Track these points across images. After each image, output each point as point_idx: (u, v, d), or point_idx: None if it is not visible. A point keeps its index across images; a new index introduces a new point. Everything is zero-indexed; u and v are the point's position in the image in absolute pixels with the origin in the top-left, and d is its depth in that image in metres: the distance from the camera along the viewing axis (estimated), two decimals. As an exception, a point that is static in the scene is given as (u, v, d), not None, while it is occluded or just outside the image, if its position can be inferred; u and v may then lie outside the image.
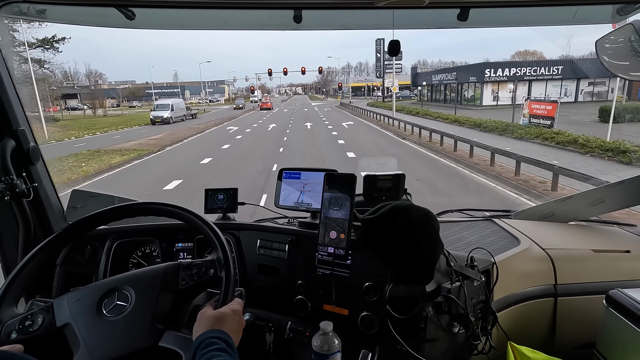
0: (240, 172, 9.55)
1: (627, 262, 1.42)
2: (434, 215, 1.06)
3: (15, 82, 1.21)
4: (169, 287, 0.89)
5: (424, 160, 10.90)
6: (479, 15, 1.18)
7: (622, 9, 1.16)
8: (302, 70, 30.23)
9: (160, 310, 0.86)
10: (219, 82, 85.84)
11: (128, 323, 0.84)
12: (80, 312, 0.86)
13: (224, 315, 0.80)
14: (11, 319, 0.86)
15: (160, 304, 0.86)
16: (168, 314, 0.87)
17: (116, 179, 9.80)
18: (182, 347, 0.80)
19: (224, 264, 0.90)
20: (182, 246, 1.37)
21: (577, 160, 9.75)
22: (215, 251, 0.93)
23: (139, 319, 0.84)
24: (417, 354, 1.02)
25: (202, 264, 0.92)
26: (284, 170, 1.34)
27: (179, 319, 0.90)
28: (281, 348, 1.20)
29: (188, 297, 0.93)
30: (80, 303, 0.88)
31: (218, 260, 0.91)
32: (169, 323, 0.85)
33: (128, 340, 0.82)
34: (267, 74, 30.85)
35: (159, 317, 0.85)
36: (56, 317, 0.86)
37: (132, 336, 0.82)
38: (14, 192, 1.17)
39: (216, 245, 0.93)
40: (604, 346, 1.19)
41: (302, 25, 1.21)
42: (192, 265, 0.92)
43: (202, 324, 0.78)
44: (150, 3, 1.07)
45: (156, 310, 0.85)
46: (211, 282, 0.91)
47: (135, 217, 1.06)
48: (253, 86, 38.10)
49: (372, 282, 1.09)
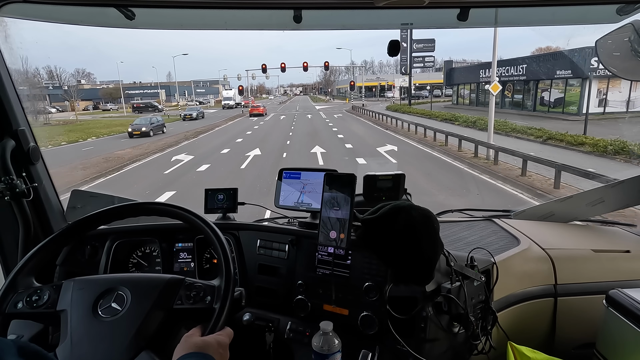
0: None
1: (627, 262, 1.42)
2: (434, 215, 1.06)
3: (15, 82, 1.21)
4: (164, 303, 0.87)
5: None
6: (479, 15, 1.18)
7: (622, 9, 1.16)
8: (304, 65, 24.41)
9: (146, 327, 0.83)
10: (213, 82, 76.29)
11: (114, 329, 0.82)
12: (79, 302, 0.86)
13: (208, 345, 0.76)
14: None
15: (149, 321, 0.84)
16: (153, 333, 0.84)
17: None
18: None
19: (222, 294, 0.87)
20: (182, 246, 1.37)
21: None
22: (220, 276, 0.90)
23: (125, 328, 0.82)
24: (417, 354, 1.02)
25: (203, 287, 0.89)
26: (284, 170, 1.34)
27: (163, 342, 0.86)
28: (281, 348, 1.20)
29: (176, 321, 0.89)
30: (83, 293, 0.88)
31: (218, 290, 0.88)
32: (150, 343, 0.83)
33: (108, 347, 0.80)
34: (261, 70, 25.51)
35: (143, 334, 0.82)
36: (60, 298, 0.87)
37: (114, 344, 0.81)
38: (14, 192, 1.17)
39: (216, 245, 0.93)
40: (604, 346, 1.19)
41: (302, 25, 1.21)
42: (193, 285, 0.89)
43: (185, 347, 0.76)
44: (150, 3, 1.07)
45: (142, 326, 0.83)
46: (202, 313, 0.86)
47: (135, 217, 1.06)
48: (242, 86, 32.39)
49: (372, 282, 1.09)
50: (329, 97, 75.08)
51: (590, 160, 9.41)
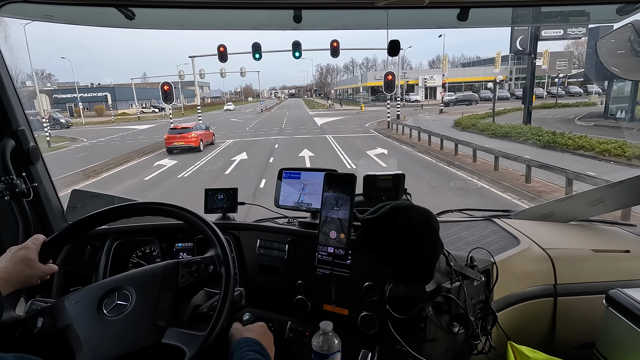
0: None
1: (627, 262, 1.42)
2: (434, 215, 1.06)
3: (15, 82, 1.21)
4: (169, 285, 0.89)
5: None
6: (479, 15, 1.18)
7: (622, 9, 1.16)
8: (294, 44, 12.11)
9: (162, 308, 0.86)
10: (188, 83, 57.82)
11: (129, 322, 0.84)
12: (81, 313, 0.86)
13: (255, 328, 0.93)
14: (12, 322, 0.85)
15: (162, 302, 0.87)
16: (169, 311, 0.87)
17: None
18: (186, 343, 0.80)
19: (223, 260, 0.90)
20: (182, 246, 1.37)
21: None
22: (214, 248, 0.93)
23: (141, 317, 0.84)
24: (417, 354, 1.02)
25: (201, 260, 0.92)
26: (284, 170, 1.34)
27: (180, 316, 0.90)
28: (281, 348, 1.20)
29: (188, 295, 0.93)
30: (81, 304, 0.88)
31: (217, 257, 0.91)
32: (171, 320, 0.86)
33: (131, 338, 0.82)
34: (218, 57, 13.18)
35: (161, 315, 0.85)
36: (57, 319, 0.86)
37: (134, 334, 0.82)
38: (14, 192, 1.17)
39: (216, 245, 0.93)
40: (603, 346, 1.19)
41: (302, 25, 1.21)
42: (191, 262, 0.92)
43: (238, 333, 0.89)
44: (150, 3, 1.07)
45: (157, 308, 0.85)
46: (211, 279, 0.91)
47: (135, 217, 1.06)
48: (167, 84, 15.73)
49: (372, 282, 1.09)
50: (330, 101, 54.65)
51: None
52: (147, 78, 58.14)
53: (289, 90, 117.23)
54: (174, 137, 14.33)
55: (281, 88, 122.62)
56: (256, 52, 12.29)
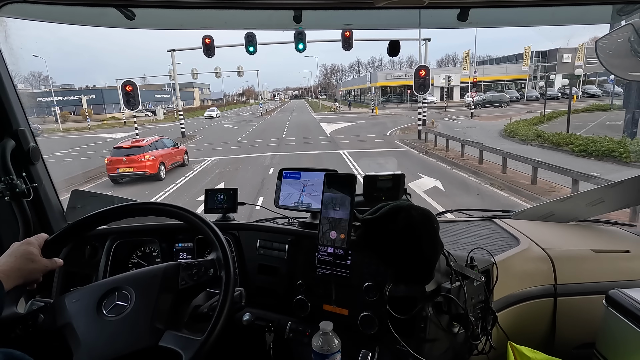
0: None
1: (627, 262, 1.42)
2: (433, 215, 1.06)
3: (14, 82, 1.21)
4: (169, 287, 0.89)
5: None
6: (479, 15, 1.18)
7: (622, 9, 1.16)
8: (297, 34, 7.27)
9: (161, 310, 0.86)
10: (186, 84, 56.59)
11: (128, 323, 0.84)
12: (80, 312, 0.86)
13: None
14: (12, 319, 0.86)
15: (161, 304, 0.87)
16: (168, 313, 0.87)
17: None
18: (183, 347, 0.80)
19: (223, 263, 0.90)
20: (182, 246, 1.37)
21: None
22: (215, 251, 0.93)
23: (139, 318, 0.84)
24: (417, 354, 1.02)
25: (202, 263, 0.92)
26: (284, 171, 1.34)
27: (179, 319, 0.90)
28: (281, 348, 1.20)
29: (188, 297, 0.93)
30: (80, 303, 0.88)
31: (218, 260, 0.91)
32: (169, 323, 0.86)
33: (128, 339, 0.82)
34: (203, 50, 9.66)
35: (159, 317, 0.85)
36: (57, 316, 0.86)
37: (132, 336, 0.82)
38: (14, 192, 1.17)
39: (216, 245, 0.93)
40: (603, 346, 1.19)
41: (302, 25, 1.21)
42: (191, 265, 0.92)
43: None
44: (150, 3, 1.07)
45: (156, 310, 0.86)
46: (211, 282, 0.91)
47: (135, 217, 1.06)
48: (130, 84, 11.42)
49: (372, 282, 1.09)
50: (337, 103, 49.00)
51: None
52: (144, 79, 56.49)
53: (292, 91, 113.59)
54: (119, 160, 9.88)
55: (285, 89, 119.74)
56: (250, 45, 9.42)
